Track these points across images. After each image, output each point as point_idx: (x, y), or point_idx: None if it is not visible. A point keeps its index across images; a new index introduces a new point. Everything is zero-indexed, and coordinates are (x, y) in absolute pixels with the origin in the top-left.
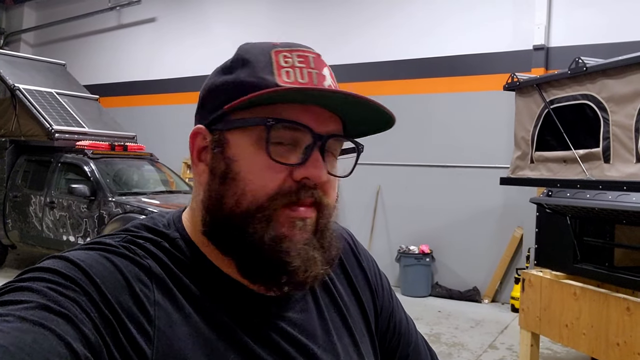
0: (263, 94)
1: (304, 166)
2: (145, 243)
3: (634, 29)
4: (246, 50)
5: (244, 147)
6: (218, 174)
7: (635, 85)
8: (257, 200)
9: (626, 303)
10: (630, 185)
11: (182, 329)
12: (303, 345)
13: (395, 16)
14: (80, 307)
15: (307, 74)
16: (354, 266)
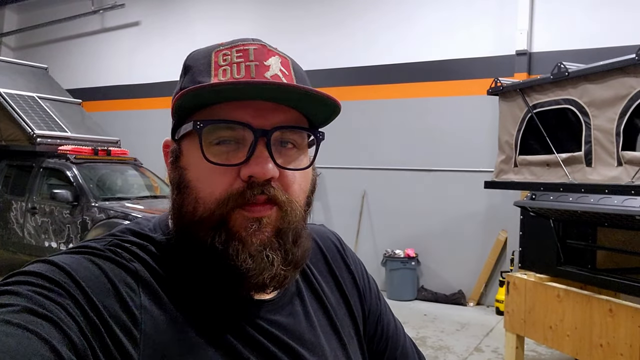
0: (182, 96)
1: (248, 164)
2: (131, 247)
3: (614, 34)
4: (190, 57)
5: (192, 154)
6: (175, 184)
7: (616, 90)
8: (208, 206)
9: (609, 305)
10: (612, 188)
11: (169, 332)
12: (291, 348)
13: (380, 20)
14: (66, 311)
15: (245, 67)
16: (342, 269)
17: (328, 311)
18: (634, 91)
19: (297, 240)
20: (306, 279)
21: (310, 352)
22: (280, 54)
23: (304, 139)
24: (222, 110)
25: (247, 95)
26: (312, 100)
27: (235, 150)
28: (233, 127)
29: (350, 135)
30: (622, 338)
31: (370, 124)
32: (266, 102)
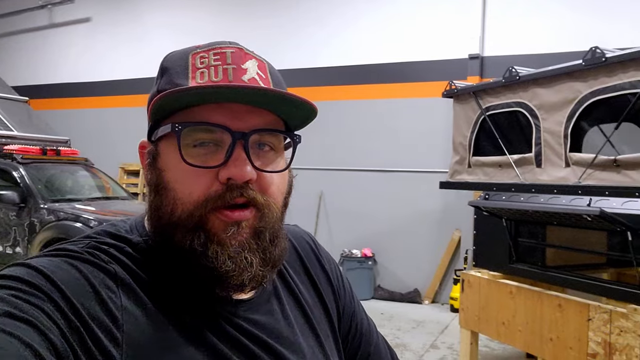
0: (162, 98)
1: (226, 166)
2: (109, 249)
3: (563, 40)
4: (167, 59)
5: (170, 156)
6: (152, 186)
7: (564, 94)
8: (186, 208)
9: (558, 300)
10: (560, 188)
11: (150, 332)
12: (270, 346)
13: (337, 22)
14: (46, 314)
15: (223, 70)
16: (316, 268)
17: (304, 309)
18: (580, 95)
19: (275, 240)
20: (282, 278)
21: (289, 350)
22: (257, 57)
23: (280, 141)
24: (200, 113)
25: (225, 98)
26: (288, 104)
27: (214, 152)
28: (211, 129)
29: (307, 136)
30: (571, 332)
31: (327, 125)
32: (243, 105)
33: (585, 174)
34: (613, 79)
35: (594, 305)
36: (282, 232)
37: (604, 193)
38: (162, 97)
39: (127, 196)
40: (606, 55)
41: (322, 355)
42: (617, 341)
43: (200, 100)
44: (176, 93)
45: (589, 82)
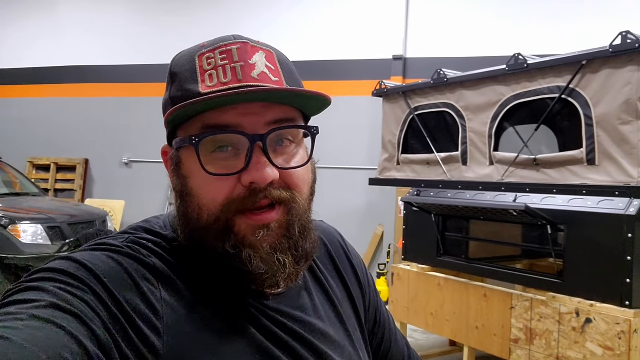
0: (174, 112)
1: (247, 170)
2: (147, 243)
3: (485, 45)
4: (175, 63)
5: (191, 163)
6: (178, 192)
7: (488, 96)
8: (212, 212)
9: (484, 290)
10: (485, 185)
11: (191, 323)
12: (306, 339)
13: (257, 21)
14: (89, 306)
15: (231, 70)
16: (345, 263)
17: (334, 303)
18: (504, 98)
19: (305, 233)
20: (312, 272)
21: (323, 344)
22: (264, 48)
23: (299, 132)
24: (213, 116)
25: (238, 101)
26: (301, 97)
27: (234, 156)
28: (228, 135)
29: None
30: (495, 320)
31: None
32: (256, 103)
33: (508, 172)
34: (533, 84)
35: (516, 294)
36: (311, 223)
37: (525, 190)
38: (173, 113)
39: (39, 192)
40: (528, 61)
41: (352, 349)
42: (538, 327)
43: (213, 107)
44: (188, 106)
45: (512, 86)
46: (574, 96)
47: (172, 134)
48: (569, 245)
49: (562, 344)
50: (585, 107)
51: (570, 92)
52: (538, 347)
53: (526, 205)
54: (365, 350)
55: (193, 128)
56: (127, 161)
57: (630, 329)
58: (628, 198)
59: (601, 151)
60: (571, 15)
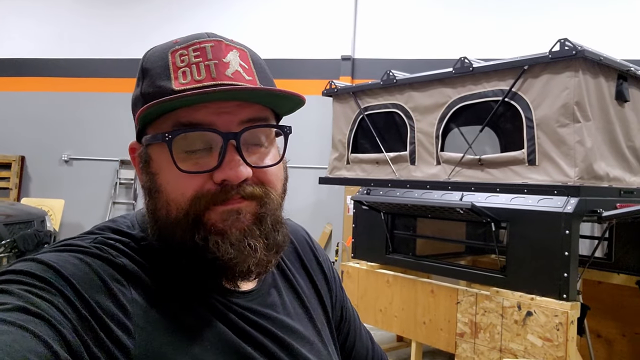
0: (147, 109)
1: (220, 168)
2: (115, 243)
3: (429, 47)
4: (146, 59)
5: (161, 160)
6: (146, 189)
7: (436, 98)
8: (181, 206)
9: (431, 286)
10: (432, 184)
11: (162, 323)
12: (276, 336)
13: (209, 12)
14: (57, 309)
15: (205, 67)
16: (312, 261)
17: (302, 300)
18: (450, 100)
19: (277, 226)
20: (281, 270)
21: (293, 339)
22: (238, 47)
23: (271, 131)
24: (186, 113)
25: (211, 98)
26: (274, 97)
27: (206, 154)
28: (202, 133)
29: None
30: (442, 314)
31: None
32: (230, 102)
33: (454, 172)
34: (478, 87)
35: (462, 290)
36: (283, 219)
37: (471, 189)
38: (146, 110)
39: None
40: (473, 65)
41: (321, 344)
42: (482, 320)
43: (187, 104)
44: (161, 104)
45: (458, 88)
46: (516, 99)
47: (142, 130)
48: (511, 241)
49: (505, 336)
50: (527, 110)
51: (512, 95)
52: (482, 340)
53: (472, 204)
54: (333, 346)
55: (165, 125)
56: (67, 158)
57: (567, 321)
58: (566, 196)
59: (541, 152)
60: (516, 20)
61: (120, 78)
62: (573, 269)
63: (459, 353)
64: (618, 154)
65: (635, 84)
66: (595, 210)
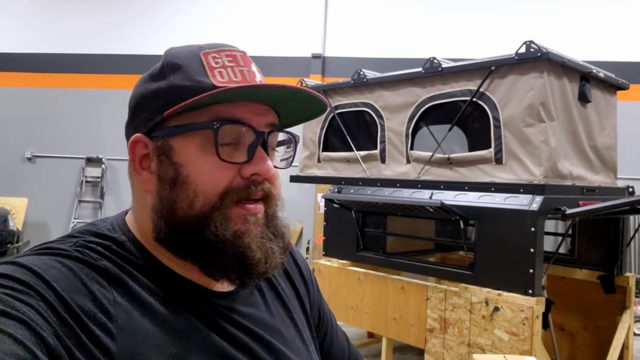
0: (206, 97)
1: (252, 163)
2: (96, 247)
3: (399, 46)
4: (174, 55)
5: (190, 151)
6: (167, 180)
7: (406, 97)
8: (210, 200)
9: (401, 283)
10: (402, 182)
11: (145, 325)
12: (259, 336)
13: (175, 9)
14: (38, 312)
15: (239, 72)
16: (291, 263)
17: (284, 301)
18: (420, 99)
19: (281, 226)
20: None
21: (275, 339)
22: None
23: (277, 139)
24: (225, 109)
25: (251, 97)
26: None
27: (235, 149)
28: (240, 128)
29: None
30: (412, 311)
31: None
32: (259, 104)
33: (424, 170)
34: (447, 87)
35: (431, 286)
36: (284, 220)
37: (440, 187)
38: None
39: None
40: (442, 65)
41: (302, 344)
42: (451, 316)
43: (229, 99)
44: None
45: (427, 88)
46: (484, 99)
47: (158, 123)
48: (479, 239)
49: (473, 331)
50: (494, 110)
51: (480, 95)
52: (451, 335)
53: (441, 202)
54: (313, 345)
55: (201, 118)
56: (30, 156)
57: (532, 315)
58: (531, 195)
59: (507, 151)
60: (485, 20)
61: (86, 74)
62: (538, 265)
63: (429, 348)
64: (581, 153)
65: (597, 86)
66: (559, 208)
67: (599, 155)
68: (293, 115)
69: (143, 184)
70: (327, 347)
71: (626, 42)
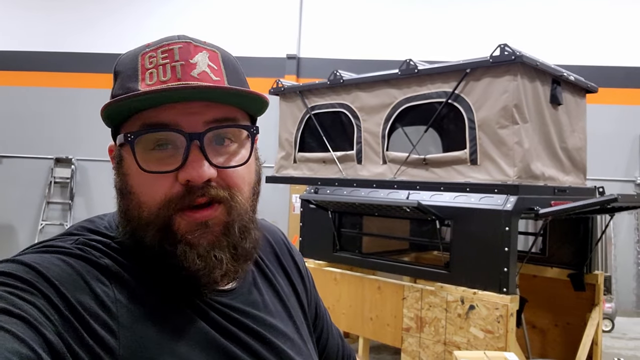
0: (105, 109)
1: (184, 168)
2: (97, 244)
3: (374, 48)
4: (119, 62)
5: (131, 161)
6: (118, 189)
7: (382, 98)
8: (151, 210)
9: (378, 283)
10: (379, 183)
11: (146, 323)
12: (259, 334)
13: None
14: (39, 310)
15: (171, 69)
16: (288, 260)
17: (282, 299)
18: (396, 101)
19: (245, 233)
20: (260, 269)
21: (275, 337)
22: (209, 48)
23: (241, 132)
24: (152, 114)
25: (174, 99)
26: (238, 97)
27: (172, 154)
28: (165, 133)
29: None
30: (389, 310)
31: None
32: (197, 102)
33: (400, 171)
34: (423, 89)
35: (408, 286)
36: (253, 223)
37: (416, 187)
38: (106, 108)
39: None
40: (418, 67)
41: (301, 341)
42: (427, 315)
43: (150, 104)
44: (120, 102)
45: (403, 89)
46: (459, 101)
47: (115, 132)
48: (455, 238)
49: (448, 330)
50: (469, 112)
51: (455, 97)
52: (427, 334)
53: (418, 202)
54: (311, 342)
55: (133, 126)
56: None
57: (507, 313)
58: (505, 195)
59: (482, 152)
60: (460, 24)
61: (55, 72)
62: (513, 264)
63: (405, 347)
64: (552, 154)
65: (568, 89)
66: (533, 208)
67: (569, 156)
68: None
69: None
70: (323, 344)
71: (596, 46)
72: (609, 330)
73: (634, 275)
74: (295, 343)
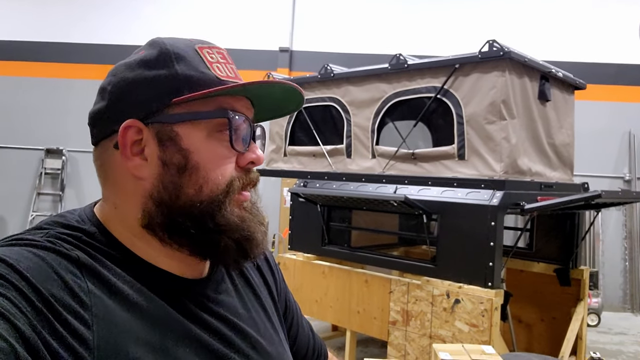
0: (237, 86)
1: (249, 152)
2: (68, 237)
3: (366, 42)
4: (173, 45)
5: (198, 138)
6: (174, 166)
7: (372, 93)
8: (220, 186)
9: (365, 277)
10: (367, 177)
11: (119, 314)
12: (231, 322)
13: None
14: (12, 302)
15: (231, 69)
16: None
17: (254, 289)
18: (386, 95)
19: (263, 215)
20: None
21: (247, 325)
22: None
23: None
24: (229, 101)
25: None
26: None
27: (234, 140)
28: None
29: None
30: (376, 304)
31: None
32: (247, 100)
33: (389, 165)
34: (413, 84)
35: (394, 279)
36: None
37: (404, 182)
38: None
39: None
40: (408, 62)
41: (273, 331)
42: (413, 309)
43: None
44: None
45: (393, 84)
46: (448, 96)
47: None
48: (441, 233)
49: (434, 323)
50: (457, 107)
51: (444, 92)
52: (413, 327)
53: (405, 196)
54: (283, 333)
55: (206, 107)
56: None
57: (491, 307)
58: (492, 190)
59: (470, 147)
60: (450, 19)
61: (47, 63)
62: (498, 259)
63: (391, 340)
64: (540, 150)
65: (556, 85)
66: (519, 203)
67: (557, 152)
68: (266, 112)
69: (134, 170)
70: (293, 336)
71: (586, 43)
72: (596, 325)
73: (621, 271)
74: (267, 332)
